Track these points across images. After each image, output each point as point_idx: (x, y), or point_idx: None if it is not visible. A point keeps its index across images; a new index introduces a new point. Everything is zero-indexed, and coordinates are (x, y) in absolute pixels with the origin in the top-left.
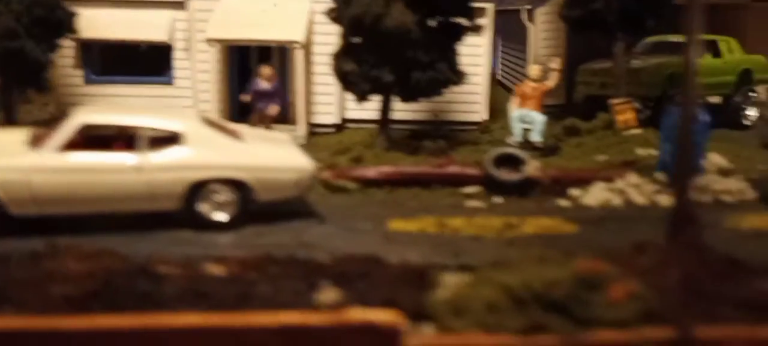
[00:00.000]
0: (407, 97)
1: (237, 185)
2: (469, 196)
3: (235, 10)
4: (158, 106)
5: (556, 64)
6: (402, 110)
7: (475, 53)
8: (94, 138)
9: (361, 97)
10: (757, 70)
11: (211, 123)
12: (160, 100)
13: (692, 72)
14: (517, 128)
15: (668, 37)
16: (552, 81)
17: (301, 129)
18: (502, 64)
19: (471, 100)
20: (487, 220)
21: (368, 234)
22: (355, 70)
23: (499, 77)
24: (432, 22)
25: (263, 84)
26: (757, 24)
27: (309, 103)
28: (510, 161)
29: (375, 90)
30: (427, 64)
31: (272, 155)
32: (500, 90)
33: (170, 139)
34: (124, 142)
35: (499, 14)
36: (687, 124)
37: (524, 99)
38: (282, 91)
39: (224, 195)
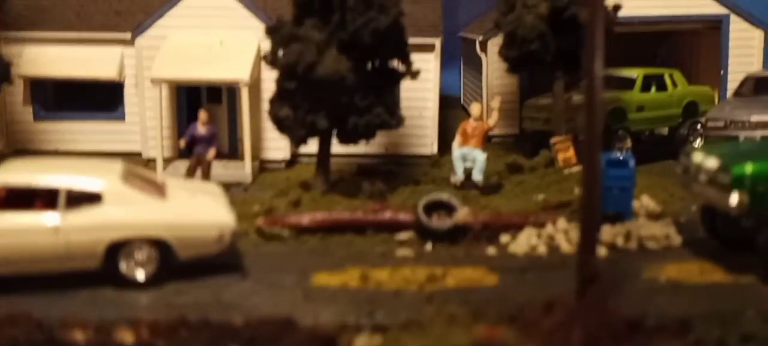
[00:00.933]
0: (346, 141)
1: (157, 244)
2: (402, 242)
3: (181, 48)
4: (83, 163)
5: (496, 103)
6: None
7: (425, 88)
8: (13, 197)
9: (298, 142)
10: (702, 102)
11: (134, 177)
12: (112, 136)
13: (594, 114)
14: (458, 167)
15: (615, 71)
16: (493, 120)
17: (247, 166)
18: (465, 89)
19: (421, 133)
20: (412, 271)
21: (289, 290)
22: (291, 116)
23: (463, 102)
24: (368, 68)
25: (200, 129)
26: (710, 50)
27: (259, 139)
28: (442, 207)
29: (311, 135)
30: (363, 109)
31: (193, 212)
32: (464, 115)
33: (90, 197)
34: (43, 201)
35: (464, 41)
36: (591, 181)
37: (466, 137)
38: (218, 135)
39: (144, 253)
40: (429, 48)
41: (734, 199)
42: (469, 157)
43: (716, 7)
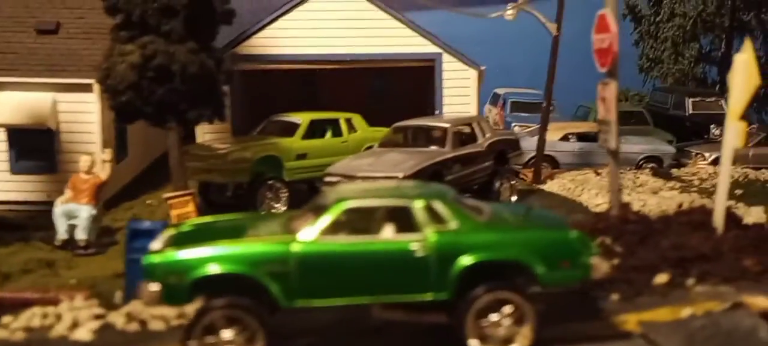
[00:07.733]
0: None
1: None
2: None
3: None
4: None
5: (108, 155)
6: None
7: (87, 130)
8: None
9: None
10: None
11: None
12: None
13: None
14: (60, 225)
15: (282, 116)
16: (105, 173)
17: None
18: None
19: None
20: None
21: None
22: None
23: None
24: None
25: None
26: None
27: None
28: None
29: None
30: None
31: None
32: None
33: None
34: None
35: None
36: None
37: (77, 192)
38: None
39: None
40: (88, 88)
41: (149, 289)
42: (74, 214)
43: (430, 47)
